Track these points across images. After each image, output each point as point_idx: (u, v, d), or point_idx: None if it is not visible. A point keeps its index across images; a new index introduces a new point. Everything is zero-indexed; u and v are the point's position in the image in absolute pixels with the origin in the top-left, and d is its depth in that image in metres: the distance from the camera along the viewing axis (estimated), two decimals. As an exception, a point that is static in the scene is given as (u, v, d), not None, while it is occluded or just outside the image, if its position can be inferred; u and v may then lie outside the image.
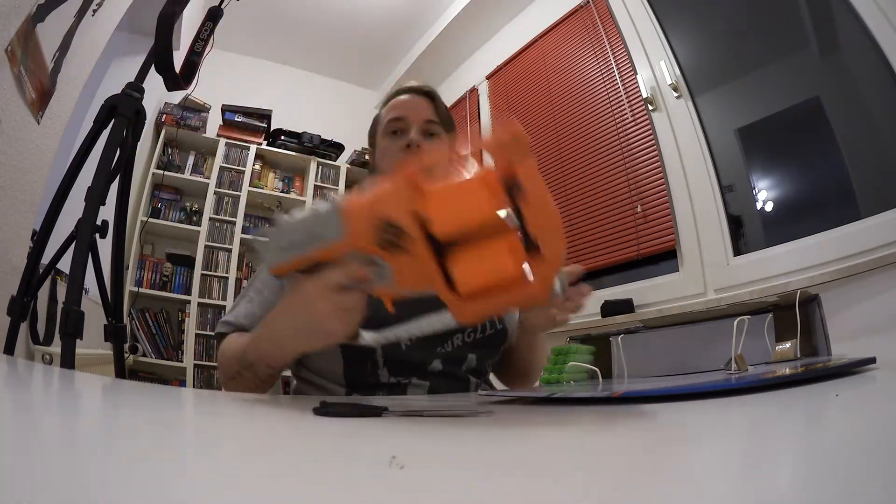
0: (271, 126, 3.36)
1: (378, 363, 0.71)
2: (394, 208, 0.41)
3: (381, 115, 0.90)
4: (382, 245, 0.42)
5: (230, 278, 2.92)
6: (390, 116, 0.86)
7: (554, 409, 0.42)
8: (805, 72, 1.64)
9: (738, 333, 0.54)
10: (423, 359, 0.73)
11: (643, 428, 0.31)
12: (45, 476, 0.15)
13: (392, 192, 0.41)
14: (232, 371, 0.62)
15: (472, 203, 0.39)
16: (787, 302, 0.55)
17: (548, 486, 0.18)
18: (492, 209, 0.39)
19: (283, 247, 0.47)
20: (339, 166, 3.47)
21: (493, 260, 0.39)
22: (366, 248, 0.43)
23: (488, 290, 0.40)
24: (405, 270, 0.42)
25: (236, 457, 0.22)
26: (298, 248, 0.46)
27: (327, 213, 0.44)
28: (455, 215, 0.39)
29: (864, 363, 0.41)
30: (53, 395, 0.39)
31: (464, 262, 0.40)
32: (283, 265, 0.48)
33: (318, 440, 0.29)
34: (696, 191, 1.78)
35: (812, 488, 0.16)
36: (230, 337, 0.70)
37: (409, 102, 0.87)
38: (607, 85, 2.19)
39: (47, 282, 1.27)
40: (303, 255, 0.46)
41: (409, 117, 0.84)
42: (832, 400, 0.33)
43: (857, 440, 0.22)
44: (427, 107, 0.86)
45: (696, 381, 0.43)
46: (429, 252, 0.40)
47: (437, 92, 0.90)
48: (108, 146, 1.07)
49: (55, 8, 1.29)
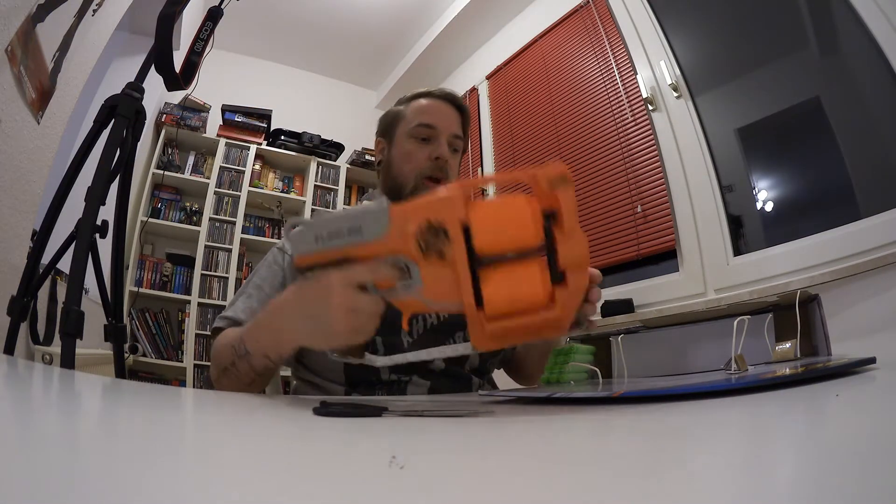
0: (271, 126, 3.36)
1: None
2: (445, 212, 0.41)
3: (403, 112, 0.86)
4: (424, 246, 0.41)
5: (230, 278, 2.91)
6: (421, 121, 0.83)
7: (554, 409, 0.42)
8: (805, 72, 1.64)
9: (738, 333, 0.54)
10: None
11: (642, 428, 0.31)
12: (45, 476, 0.15)
13: (446, 198, 0.41)
14: (225, 361, 0.59)
15: (515, 225, 0.39)
16: (787, 302, 0.55)
17: (548, 485, 0.18)
18: (533, 234, 0.39)
19: (318, 236, 0.46)
20: (339, 166, 3.46)
21: (524, 283, 0.39)
22: (404, 250, 0.42)
23: (514, 312, 0.40)
24: (437, 280, 0.42)
25: (236, 457, 0.22)
26: (333, 240, 0.45)
27: (375, 210, 0.44)
28: (498, 234, 0.39)
29: (865, 363, 0.41)
30: (53, 395, 0.39)
31: (496, 281, 0.40)
32: (311, 256, 0.46)
33: (318, 440, 0.29)
34: (696, 191, 1.78)
35: (812, 487, 0.16)
36: (227, 330, 0.68)
37: (442, 111, 0.84)
38: (607, 85, 2.19)
39: (47, 282, 1.27)
40: (335, 248, 0.45)
41: (441, 127, 0.82)
42: (832, 400, 0.33)
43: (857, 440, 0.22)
44: (457, 120, 0.85)
45: (697, 381, 0.43)
46: (466, 262, 0.40)
47: (468, 107, 0.88)
48: (108, 146, 1.07)
49: (55, 8, 1.29)
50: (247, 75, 3.60)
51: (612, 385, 0.58)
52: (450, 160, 0.82)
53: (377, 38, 3.50)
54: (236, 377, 0.59)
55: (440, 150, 0.81)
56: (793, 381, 0.38)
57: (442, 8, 3.15)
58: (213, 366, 0.65)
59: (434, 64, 3.38)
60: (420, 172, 0.81)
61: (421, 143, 0.82)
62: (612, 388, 0.48)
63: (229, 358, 0.59)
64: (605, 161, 2.12)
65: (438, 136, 0.82)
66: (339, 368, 0.72)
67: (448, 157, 0.81)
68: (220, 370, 0.61)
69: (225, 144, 3.14)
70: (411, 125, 0.83)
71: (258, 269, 0.79)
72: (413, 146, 0.82)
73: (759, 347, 0.55)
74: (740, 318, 0.56)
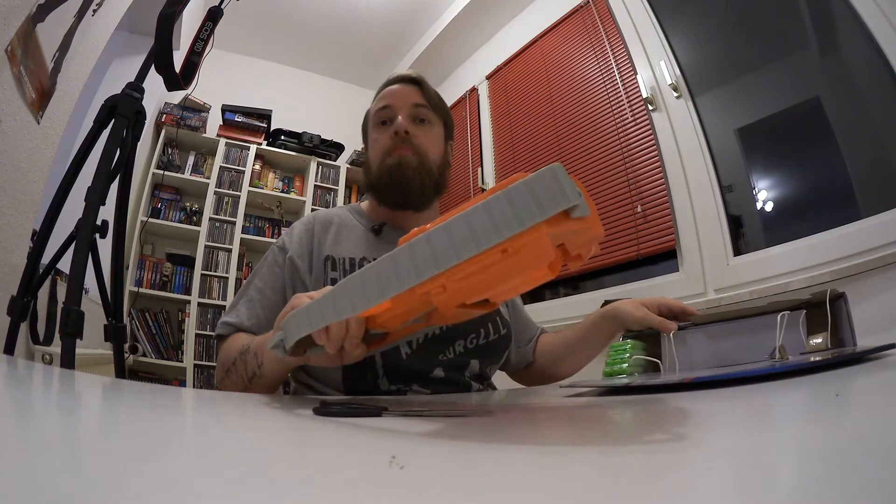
0: (271, 126, 3.36)
1: (378, 372, 0.70)
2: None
3: (370, 109, 0.89)
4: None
5: (230, 278, 2.91)
6: (378, 107, 0.85)
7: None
8: (805, 72, 1.63)
9: (780, 327, 0.61)
10: (424, 366, 0.71)
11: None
12: (45, 476, 0.15)
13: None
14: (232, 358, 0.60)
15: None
16: (818, 299, 0.61)
17: (548, 485, 0.18)
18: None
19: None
20: (339, 166, 3.47)
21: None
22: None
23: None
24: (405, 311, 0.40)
25: (236, 457, 0.22)
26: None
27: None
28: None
29: (884, 349, 0.49)
30: (53, 395, 0.39)
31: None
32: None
33: (318, 440, 0.29)
34: (696, 191, 1.78)
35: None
36: (237, 336, 0.69)
37: (395, 91, 0.85)
38: (607, 85, 2.19)
39: (47, 282, 1.27)
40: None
41: (396, 105, 0.83)
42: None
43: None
44: (413, 92, 0.85)
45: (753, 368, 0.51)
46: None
47: (424, 78, 0.88)
48: (108, 146, 1.07)
49: (55, 8, 1.29)
50: (247, 75, 3.60)
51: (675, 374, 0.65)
52: (413, 130, 0.81)
53: (377, 38, 3.51)
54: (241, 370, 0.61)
55: (396, 124, 0.81)
56: (827, 366, 0.46)
57: (442, 8, 3.15)
58: (218, 368, 0.67)
59: (434, 64, 3.38)
60: (384, 151, 0.81)
61: (383, 127, 0.84)
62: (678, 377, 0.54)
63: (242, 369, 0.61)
64: (605, 161, 2.12)
65: (395, 114, 0.83)
66: (338, 377, 0.71)
67: (407, 127, 0.81)
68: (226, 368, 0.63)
69: (225, 144, 3.14)
70: (373, 115, 0.86)
71: (258, 269, 0.79)
72: (377, 133, 0.84)
73: (794, 340, 0.62)
74: (782, 313, 0.63)
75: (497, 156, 2.79)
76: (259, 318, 0.72)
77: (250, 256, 3.10)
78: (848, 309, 0.60)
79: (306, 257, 0.77)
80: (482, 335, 0.77)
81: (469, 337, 0.76)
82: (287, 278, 0.76)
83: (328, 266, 0.76)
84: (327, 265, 0.76)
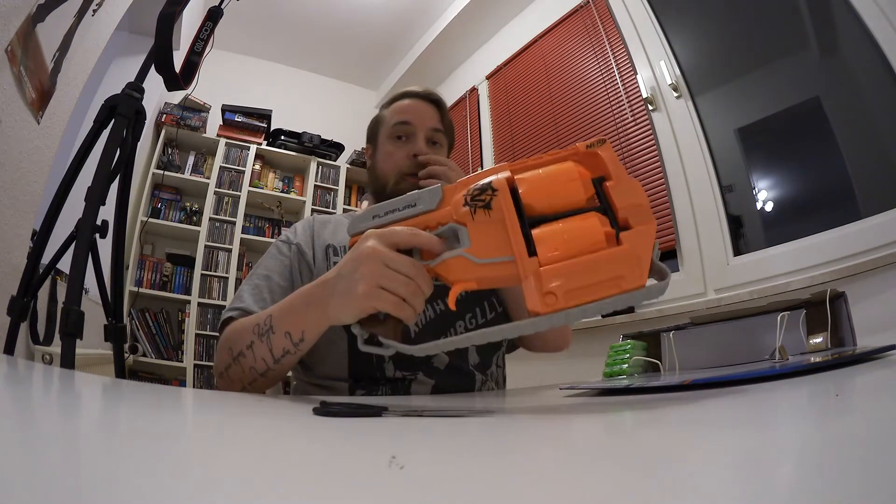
0: (271, 126, 3.36)
1: (384, 358, 0.71)
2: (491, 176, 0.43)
3: (384, 115, 0.89)
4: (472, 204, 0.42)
5: (230, 278, 2.92)
6: (396, 120, 0.85)
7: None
8: (805, 72, 1.64)
9: (780, 327, 0.61)
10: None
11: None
12: (45, 476, 0.15)
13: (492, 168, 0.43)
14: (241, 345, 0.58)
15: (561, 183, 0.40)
16: (818, 299, 0.61)
17: (548, 485, 0.18)
18: (580, 191, 0.40)
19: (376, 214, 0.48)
20: (339, 166, 3.47)
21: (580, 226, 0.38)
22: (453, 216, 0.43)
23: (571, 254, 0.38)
24: (485, 235, 0.41)
25: (236, 457, 0.22)
26: (388, 215, 0.47)
27: (429, 189, 0.46)
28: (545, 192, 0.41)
29: (884, 350, 0.48)
30: (53, 395, 0.39)
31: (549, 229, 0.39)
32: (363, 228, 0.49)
33: (318, 440, 0.29)
34: (696, 191, 1.78)
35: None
36: (242, 318, 0.66)
37: (417, 108, 0.86)
38: (607, 85, 2.19)
39: (47, 282, 1.27)
40: (388, 221, 0.47)
41: (416, 124, 0.84)
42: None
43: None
44: (433, 114, 0.86)
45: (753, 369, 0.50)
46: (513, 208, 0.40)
47: (444, 101, 0.90)
48: (108, 146, 1.07)
49: (55, 8, 1.29)
50: (247, 75, 3.60)
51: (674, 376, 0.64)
52: (428, 153, 0.83)
53: (377, 38, 3.51)
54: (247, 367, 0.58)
55: (417, 147, 0.82)
56: (827, 367, 0.45)
57: (442, 8, 3.15)
58: (220, 355, 0.64)
59: (434, 64, 3.38)
60: (400, 170, 0.82)
61: (399, 143, 0.84)
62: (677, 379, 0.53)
63: (246, 340, 0.58)
64: (605, 161, 2.12)
65: (415, 132, 0.84)
66: (344, 364, 0.71)
67: (425, 152, 0.82)
68: (232, 358, 0.60)
69: (225, 144, 3.14)
70: (389, 126, 0.86)
71: (261, 262, 0.79)
72: (392, 146, 0.84)
73: (794, 340, 0.61)
74: (782, 313, 0.62)
75: (497, 156, 2.79)
76: (266, 301, 0.71)
77: (250, 256, 3.10)
78: (848, 309, 0.60)
79: (310, 245, 0.80)
80: (479, 314, 0.79)
81: (467, 316, 0.78)
82: (295, 263, 0.77)
83: (329, 252, 0.79)
84: (329, 252, 0.79)
